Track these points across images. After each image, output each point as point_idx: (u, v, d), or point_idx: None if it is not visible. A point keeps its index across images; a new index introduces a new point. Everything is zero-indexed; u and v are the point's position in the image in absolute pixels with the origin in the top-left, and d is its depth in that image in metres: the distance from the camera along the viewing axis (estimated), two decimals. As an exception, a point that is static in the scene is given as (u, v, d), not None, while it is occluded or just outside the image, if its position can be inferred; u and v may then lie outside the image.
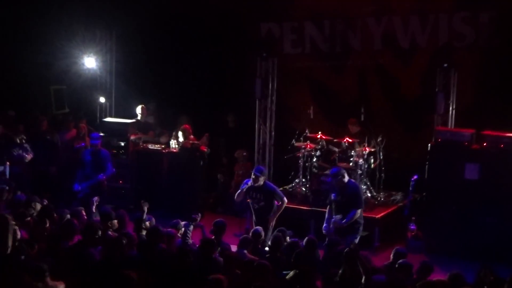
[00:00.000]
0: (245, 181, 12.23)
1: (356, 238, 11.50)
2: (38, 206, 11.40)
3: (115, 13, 16.73)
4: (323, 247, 10.52)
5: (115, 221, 10.83)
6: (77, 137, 15.73)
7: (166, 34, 17.19)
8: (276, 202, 12.01)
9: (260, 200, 12.01)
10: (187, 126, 15.34)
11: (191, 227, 10.75)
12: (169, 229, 10.37)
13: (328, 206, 11.88)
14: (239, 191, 12.18)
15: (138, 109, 16.15)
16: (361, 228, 11.68)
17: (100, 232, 9.83)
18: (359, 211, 11.44)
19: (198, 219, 10.93)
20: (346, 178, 11.63)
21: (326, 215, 11.82)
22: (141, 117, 16.14)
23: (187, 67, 17.11)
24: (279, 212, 12.07)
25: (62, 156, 15.52)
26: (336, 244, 10.03)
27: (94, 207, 13.12)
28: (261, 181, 11.94)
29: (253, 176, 11.92)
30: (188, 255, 8.89)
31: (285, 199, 12.18)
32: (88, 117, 16.97)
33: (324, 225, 11.76)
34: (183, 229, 10.69)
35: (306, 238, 10.23)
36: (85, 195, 13.25)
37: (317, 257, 10.05)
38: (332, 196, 11.75)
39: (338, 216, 11.44)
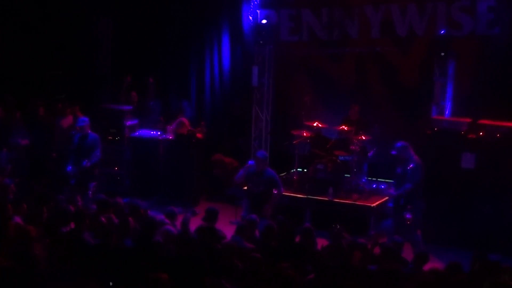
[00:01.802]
0: (248, 162, 12.43)
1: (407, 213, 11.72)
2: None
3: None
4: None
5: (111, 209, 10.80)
6: (74, 124, 15.68)
7: (163, 21, 17.14)
8: (274, 190, 12.05)
9: (260, 184, 12.11)
10: (184, 120, 15.25)
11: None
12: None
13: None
14: (241, 172, 12.43)
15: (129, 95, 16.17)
16: (419, 205, 11.85)
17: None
18: (411, 186, 11.57)
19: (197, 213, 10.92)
20: (410, 154, 11.78)
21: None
22: (133, 103, 16.10)
23: (186, 53, 17.09)
24: (275, 201, 12.14)
25: (58, 143, 15.48)
26: None
27: (91, 192, 13.12)
28: (263, 165, 12.07)
29: (256, 160, 12.09)
30: (190, 245, 8.90)
31: (282, 189, 12.23)
32: (84, 104, 16.92)
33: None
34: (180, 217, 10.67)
35: (303, 226, 10.22)
36: (77, 181, 13.18)
37: (314, 246, 10.02)
38: (397, 170, 11.97)
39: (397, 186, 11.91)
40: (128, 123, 15.44)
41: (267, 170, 12.23)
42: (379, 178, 14.72)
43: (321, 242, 10.14)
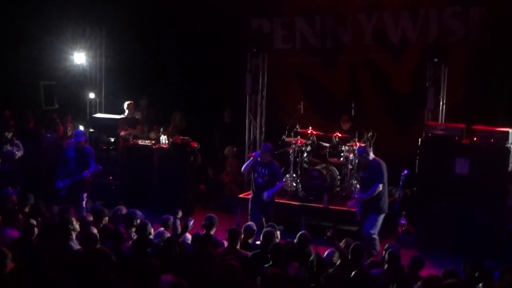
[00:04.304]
0: (254, 153, 12.81)
1: (379, 216, 11.86)
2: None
3: (105, 9, 16.69)
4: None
5: (107, 218, 10.77)
6: (65, 136, 15.66)
7: (156, 30, 17.16)
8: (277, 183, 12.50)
9: (265, 175, 12.39)
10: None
11: (178, 221, 10.73)
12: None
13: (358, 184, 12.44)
14: (247, 162, 12.73)
15: (125, 105, 16.14)
16: (385, 206, 11.95)
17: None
18: (380, 185, 11.72)
19: (180, 213, 10.89)
20: (371, 156, 11.99)
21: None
22: (128, 113, 16.11)
23: (178, 62, 17.08)
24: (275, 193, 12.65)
25: (50, 155, 15.44)
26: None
27: (84, 203, 13.10)
28: (269, 156, 12.40)
29: (261, 152, 12.51)
30: (174, 246, 8.94)
31: (281, 184, 12.80)
32: (77, 113, 16.92)
33: (351, 201, 12.33)
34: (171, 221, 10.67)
35: (299, 233, 10.22)
36: (68, 192, 13.13)
37: (308, 253, 10.01)
38: (359, 174, 12.35)
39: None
40: (122, 132, 15.41)
41: (272, 162, 12.51)
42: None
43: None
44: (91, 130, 15.36)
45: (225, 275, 7.83)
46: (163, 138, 15.18)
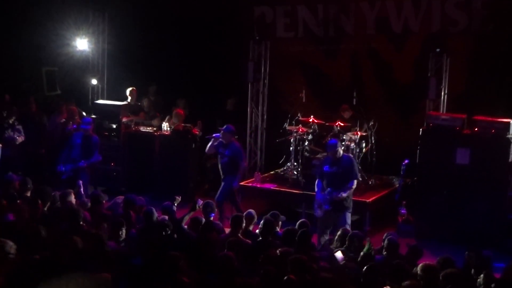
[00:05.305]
0: (214, 134, 13.01)
1: (349, 212, 11.65)
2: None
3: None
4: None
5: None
6: (68, 120, 15.66)
7: (159, 17, 17.13)
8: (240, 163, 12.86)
9: (224, 155, 12.78)
10: (180, 111, 15.35)
11: (174, 208, 10.76)
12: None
13: (318, 180, 11.85)
14: (209, 144, 13.06)
15: (128, 92, 16.14)
16: (351, 203, 11.75)
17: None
18: (355, 181, 11.64)
19: (178, 199, 10.88)
20: (341, 152, 11.69)
21: (316, 189, 11.79)
22: (131, 100, 16.12)
23: (181, 49, 17.07)
24: (240, 175, 13.10)
25: (53, 139, 15.45)
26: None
27: (81, 189, 13.12)
28: (229, 138, 12.75)
29: (222, 134, 12.76)
30: (165, 228, 9.19)
31: (245, 164, 13.29)
32: (80, 99, 16.93)
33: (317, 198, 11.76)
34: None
35: (300, 221, 10.27)
36: (69, 178, 13.17)
37: (309, 240, 10.06)
38: (324, 169, 11.73)
39: (343, 188, 11.48)
40: (124, 119, 15.44)
41: (233, 143, 12.85)
42: (376, 174, 14.72)
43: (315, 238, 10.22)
44: (93, 116, 15.38)
45: (221, 265, 7.86)
46: (165, 125, 15.21)
